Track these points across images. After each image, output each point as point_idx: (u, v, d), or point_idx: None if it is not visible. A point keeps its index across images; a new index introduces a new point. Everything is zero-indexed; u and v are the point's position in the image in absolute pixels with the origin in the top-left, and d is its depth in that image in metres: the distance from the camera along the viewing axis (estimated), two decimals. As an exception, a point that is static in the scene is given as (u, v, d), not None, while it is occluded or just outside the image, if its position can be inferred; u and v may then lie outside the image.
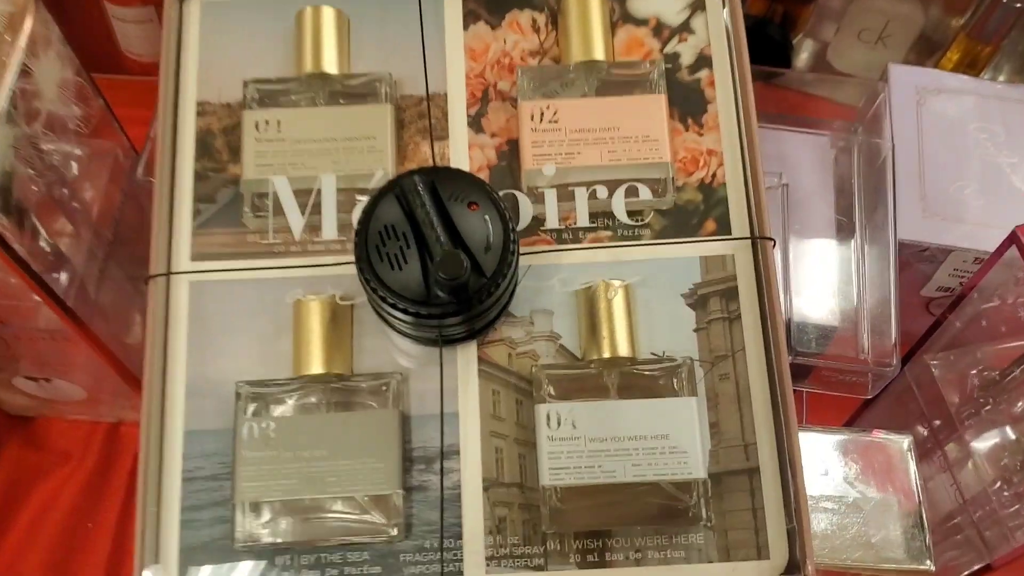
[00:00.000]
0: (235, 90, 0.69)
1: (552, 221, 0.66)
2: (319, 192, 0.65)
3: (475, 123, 0.69)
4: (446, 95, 0.69)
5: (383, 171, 0.66)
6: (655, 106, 0.67)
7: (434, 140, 0.68)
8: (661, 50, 0.70)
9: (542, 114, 0.67)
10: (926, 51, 1.06)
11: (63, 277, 0.76)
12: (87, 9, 0.96)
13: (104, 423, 0.91)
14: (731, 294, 0.65)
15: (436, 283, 0.56)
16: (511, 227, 0.58)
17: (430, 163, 0.67)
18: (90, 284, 0.79)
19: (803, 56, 1.12)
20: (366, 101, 0.68)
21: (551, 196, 0.65)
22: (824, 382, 0.72)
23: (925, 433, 0.73)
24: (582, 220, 0.66)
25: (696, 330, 0.64)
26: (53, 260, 0.74)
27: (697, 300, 0.65)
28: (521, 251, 0.63)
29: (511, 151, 0.68)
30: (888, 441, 0.69)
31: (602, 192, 0.65)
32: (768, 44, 1.04)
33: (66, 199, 0.77)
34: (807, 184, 0.78)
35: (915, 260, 0.83)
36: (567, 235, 0.66)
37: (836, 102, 1.02)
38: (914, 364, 0.72)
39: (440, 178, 0.59)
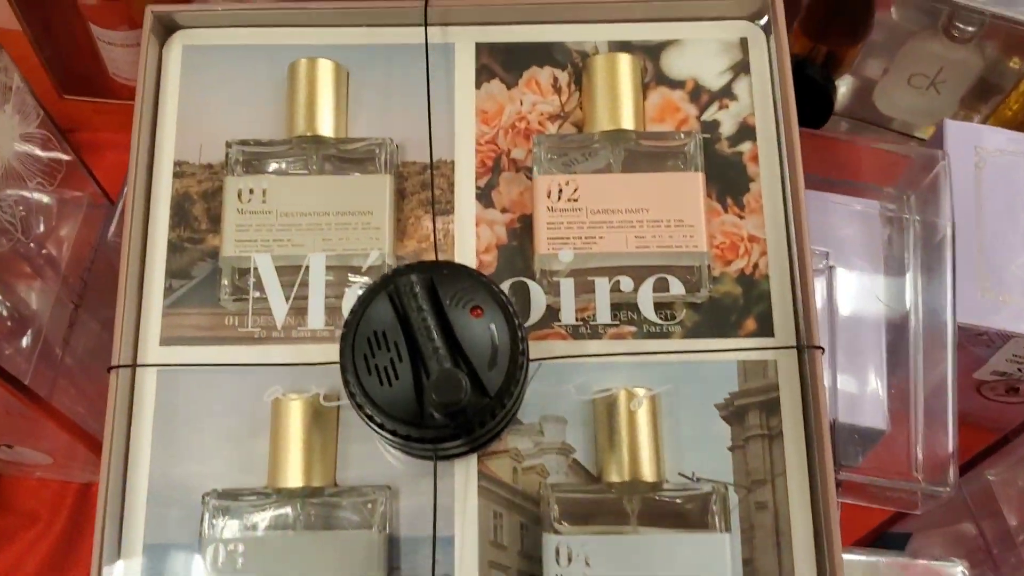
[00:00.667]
0: (217, 149, 0.60)
1: (568, 315, 0.57)
2: (307, 271, 0.57)
3: (484, 196, 0.60)
4: (453, 163, 0.61)
5: (379, 252, 0.57)
6: (691, 185, 0.58)
7: (437, 215, 0.60)
8: (699, 117, 0.62)
9: (560, 190, 0.58)
10: (982, 96, 0.97)
11: (25, 341, 0.68)
12: (73, 32, 0.88)
13: (75, 484, 0.84)
14: (772, 407, 0.57)
15: (431, 404, 0.47)
16: (521, 336, 0.50)
17: (432, 240, 0.59)
18: (57, 343, 0.71)
19: (842, 91, 1.03)
20: (364, 169, 0.60)
21: (568, 286, 0.57)
22: (865, 494, 0.64)
23: (978, 554, 0.64)
24: (603, 315, 0.57)
25: (731, 448, 0.56)
26: (13, 326, 0.66)
27: (733, 412, 0.57)
28: (532, 348, 0.54)
29: (524, 229, 0.59)
30: (940, 568, 0.61)
31: (627, 284, 0.57)
32: (809, 86, 0.95)
33: (32, 253, 0.69)
34: (854, 263, 0.69)
35: (970, 343, 0.74)
36: (585, 331, 0.58)
37: (881, 149, 0.93)
38: (971, 478, 0.64)
39: (440, 276, 0.51)
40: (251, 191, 0.58)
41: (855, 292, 0.68)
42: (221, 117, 0.62)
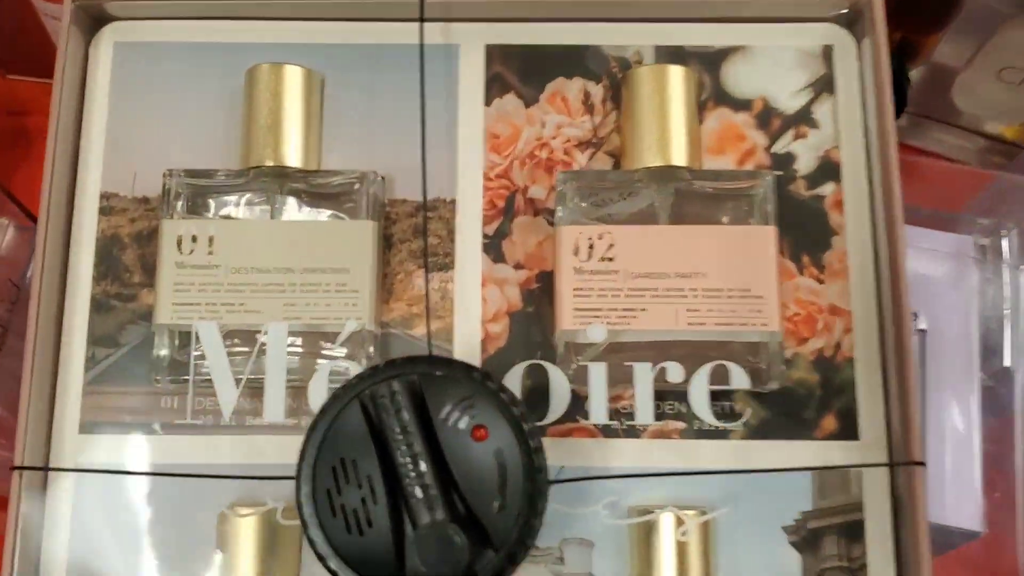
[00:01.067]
0: (156, 178, 0.47)
1: (598, 409, 0.44)
2: (262, 347, 0.44)
3: (493, 247, 0.47)
4: (454, 203, 0.47)
5: (357, 321, 0.44)
6: (761, 242, 0.45)
7: (433, 270, 0.46)
8: (768, 149, 0.48)
9: (591, 245, 0.45)
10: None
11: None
12: (14, 5, 0.74)
13: None
14: (854, 531, 0.44)
15: (414, 570, 0.35)
16: (539, 467, 0.37)
17: (424, 301, 0.46)
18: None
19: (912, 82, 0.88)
20: (340, 210, 0.46)
21: (598, 372, 0.44)
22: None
23: None
24: (644, 412, 0.44)
25: (801, 586, 0.43)
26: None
27: (805, 538, 0.44)
28: (551, 448, 0.41)
29: (543, 291, 0.46)
30: None
31: (675, 372, 0.44)
32: (879, 79, 0.80)
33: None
34: (947, 322, 0.55)
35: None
36: (618, 427, 0.45)
37: (952, 158, 0.80)
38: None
39: (431, 380, 0.37)
40: (194, 238, 0.45)
41: (948, 360, 0.54)
42: (162, 136, 0.48)
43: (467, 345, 0.46)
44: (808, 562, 0.44)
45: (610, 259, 0.45)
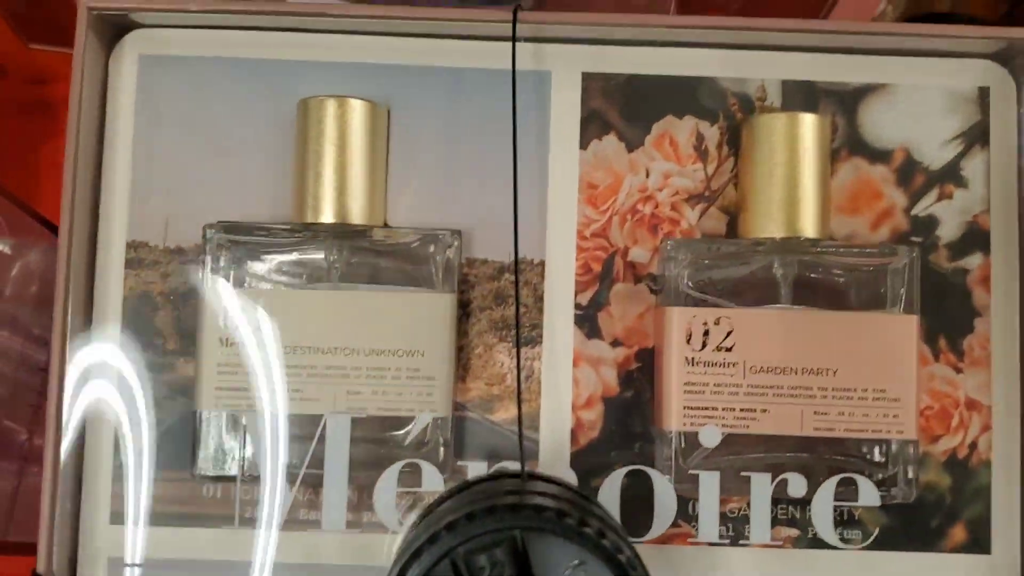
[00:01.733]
0: (191, 224, 0.40)
1: (709, 524, 0.38)
2: (321, 439, 0.38)
3: (588, 319, 0.40)
4: (543, 265, 0.40)
5: (431, 414, 0.38)
6: (901, 334, 0.39)
7: (516, 344, 0.40)
8: (908, 211, 0.41)
9: (706, 332, 0.38)
10: None
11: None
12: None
13: None
14: (979, 652, 0.39)
15: None
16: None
17: (509, 382, 0.39)
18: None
19: None
20: (409, 272, 0.39)
21: (710, 484, 0.38)
22: None
23: None
24: (759, 527, 0.38)
25: None
26: None
27: (923, 657, 0.39)
28: (649, 558, 0.36)
29: (644, 374, 0.40)
30: None
31: (798, 484, 0.38)
32: None
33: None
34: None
35: None
36: (724, 534, 0.39)
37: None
38: None
39: (536, 538, 0.31)
40: (243, 311, 0.38)
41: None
42: (199, 173, 0.40)
43: (555, 434, 0.40)
44: None
45: (728, 349, 0.38)
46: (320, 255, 0.39)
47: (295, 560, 0.39)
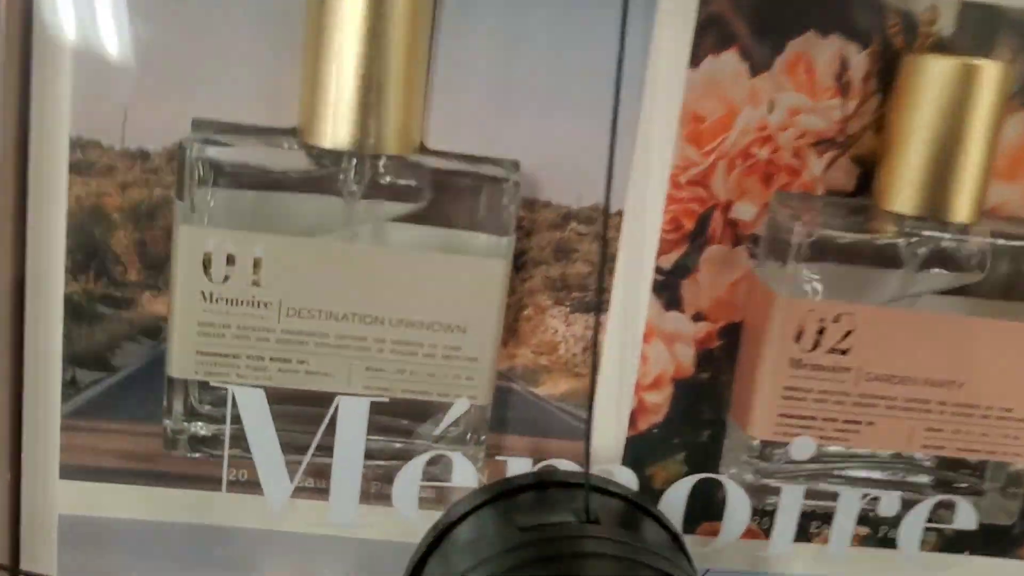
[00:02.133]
0: (158, 123, 0.29)
1: (783, 539, 0.33)
2: (331, 422, 0.30)
3: (669, 286, 0.32)
4: (620, 216, 0.31)
5: (469, 401, 0.30)
6: (1044, 347, 0.31)
7: (576, 311, 0.32)
8: (1080, 181, 0.32)
9: (821, 330, 0.30)
10: None
11: None
12: None
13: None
14: (1030, 661, 0.36)
15: None
16: None
17: (559, 352, 0.32)
18: None
19: None
20: (452, 216, 0.30)
21: (793, 499, 0.32)
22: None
23: None
24: (840, 540, 0.33)
25: None
26: None
27: (971, 663, 0.36)
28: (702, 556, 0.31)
29: (726, 353, 0.32)
30: None
31: (890, 504, 0.32)
32: None
33: None
34: None
35: None
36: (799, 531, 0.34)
37: None
38: None
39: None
40: (231, 259, 0.29)
41: None
42: (169, 52, 0.29)
43: (609, 416, 0.33)
44: None
45: (843, 352, 0.31)
46: (335, 198, 0.29)
47: (293, 528, 0.33)
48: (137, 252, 0.31)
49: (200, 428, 0.31)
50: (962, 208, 0.30)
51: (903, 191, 0.30)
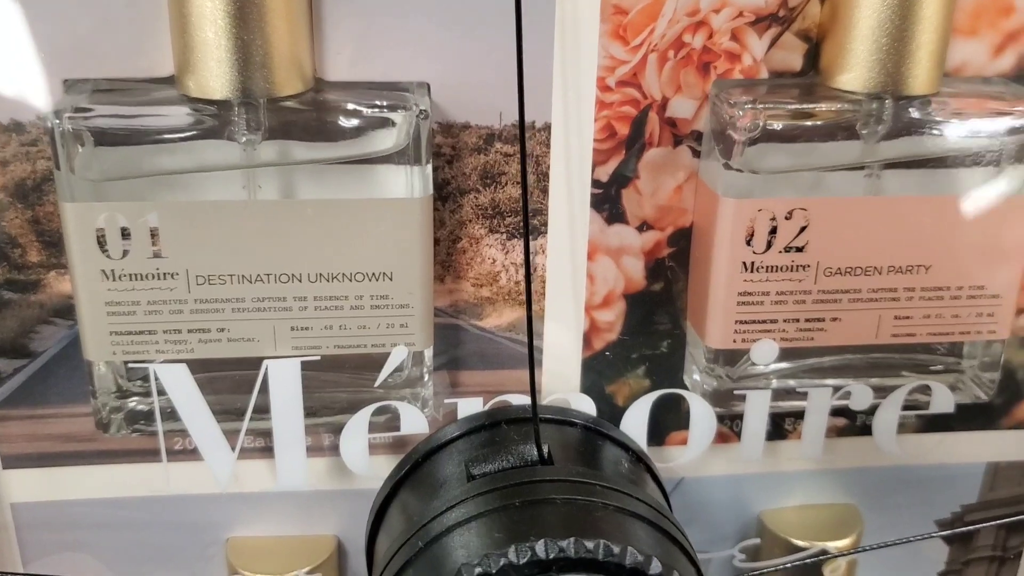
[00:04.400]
0: (30, 94, 0.26)
1: (752, 448, 0.31)
2: (263, 384, 0.28)
3: (608, 199, 0.29)
4: (548, 129, 0.27)
5: (405, 347, 0.28)
6: (1016, 216, 0.28)
7: (513, 236, 0.29)
8: (1050, 29, 0.28)
9: (773, 229, 0.27)
10: None
11: None
12: None
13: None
14: (1018, 524, 0.34)
15: None
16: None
17: (500, 282, 0.29)
18: None
19: None
20: (359, 151, 0.26)
21: (759, 404, 0.30)
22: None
23: None
24: (812, 440, 0.31)
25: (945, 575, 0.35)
26: None
27: (960, 533, 0.35)
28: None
29: (678, 260, 0.29)
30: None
31: (862, 396, 0.30)
32: None
33: None
34: None
35: None
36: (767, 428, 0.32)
37: None
38: None
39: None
40: (125, 232, 0.25)
41: None
42: (38, 10, 0.25)
43: (561, 340, 0.30)
44: (956, 553, 0.35)
45: (799, 249, 0.28)
46: (230, 143, 0.25)
47: (238, 489, 0.31)
48: (33, 231, 0.27)
49: (137, 404, 0.28)
50: (921, 79, 0.26)
51: (855, 66, 0.26)
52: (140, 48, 0.25)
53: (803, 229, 0.27)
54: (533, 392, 0.26)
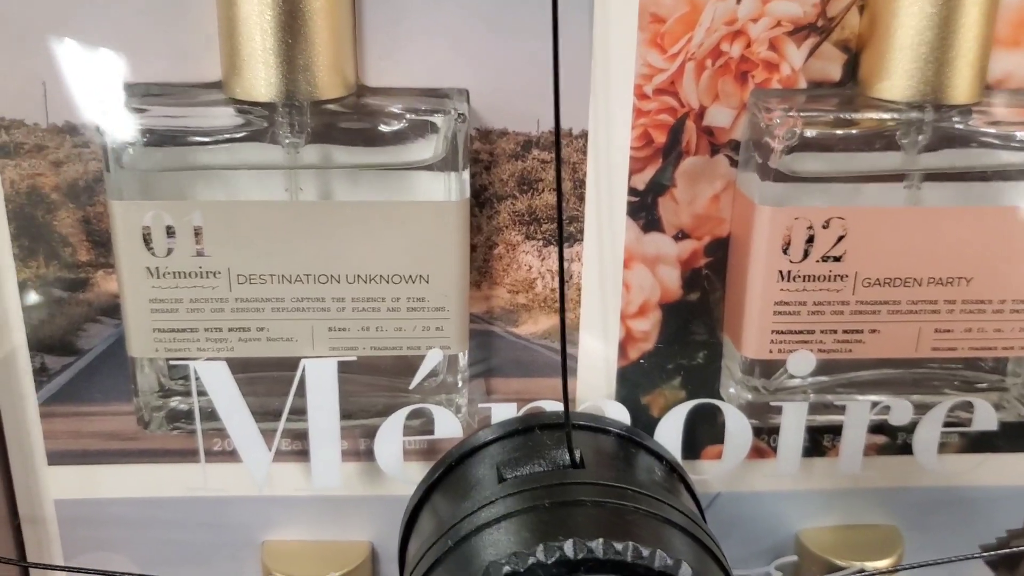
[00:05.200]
0: (89, 95, 0.26)
1: (789, 461, 0.30)
2: (300, 384, 0.28)
3: (645, 207, 0.28)
4: (584, 137, 0.27)
5: (441, 351, 0.27)
6: (1062, 230, 0.28)
7: (550, 243, 0.28)
8: (1096, 41, 0.28)
9: (810, 238, 0.27)
10: None
11: None
12: None
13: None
14: (1068, 552, 0.33)
15: None
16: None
17: (536, 288, 0.29)
18: None
19: None
20: (399, 160, 0.27)
21: (795, 417, 0.29)
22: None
23: None
24: (850, 456, 0.30)
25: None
26: None
27: (1006, 558, 0.33)
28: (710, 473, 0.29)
29: (715, 270, 0.29)
30: None
31: (901, 411, 0.29)
32: None
33: None
34: None
35: None
36: (806, 444, 0.31)
37: None
38: None
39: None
40: (170, 231, 0.26)
41: None
42: (84, 16, 0.26)
43: (598, 351, 0.30)
44: (1003, 583, 0.34)
45: (836, 259, 0.27)
46: (274, 146, 0.26)
47: (280, 493, 0.31)
48: (83, 231, 0.28)
49: (179, 403, 0.29)
50: (962, 87, 0.26)
51: (894, 75, 0.26)
52: (192, 53, 0.26)
53: (841, 238, 0.27)
54: (566, 397, 0.26)
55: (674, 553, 0.23)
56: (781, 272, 0.27)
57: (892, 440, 0.32)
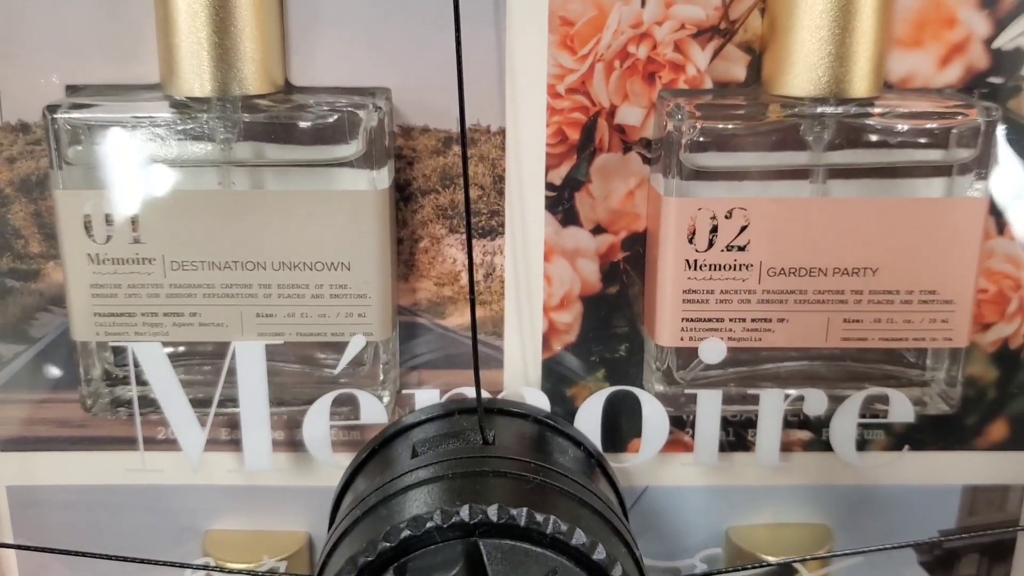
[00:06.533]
0: (35, 96, 0.28)
1: (706, 449, 0.30)
2: (231, 369, 0.29)
3: (562, 201, 0.29)
4: (503, 135, 0.29)
5: (363, 337, 0.28)
6: (965, 223, 0.28)
7: (471, 238, 0.29)
8: (990, 41, 0.29)
9: (714, 228, 0.28)
10: None
11: None
12: None
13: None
14: (1002, 551, 0.33)
15: None
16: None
17: (461, 281, 0.29)
18: None
19: None
20: (323, 152, 0.28)
21: (710, 404, 0.29)
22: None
23: None
24: (767, 448, 0.30)
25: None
26: None
27: (939, 558, 0.33)
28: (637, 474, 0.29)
29: (633, 264, 0.30)
30: None
31: (816, 402, 0.30)
32: None
33: None
34: None
35: None
36: (724, 442, 0.31)
37: None
38: None
39: (499, 552, 0.23)
40: (108, 219, 0.27)
41: None
42: (34, 20, 0.28)
43: (519, 341, 0.30)
44: (938, 584, 0.34)
45: (741, 248, 0.28)
46: (204, 141, 0.27)
47: (216, 482, 0.31)
48: (35, 223, 0.29)
49: (123, 392, 0.30)
50: (860, 82, 0.27)
51: (795, 72, 0.27)
52: (134, 56, 0.28)
53: (744, 228, 0.28)
54: (477, 378, 0.26)
55: (570, 521, 0.23)
56: (688, 261, 0.28)
57: (817, 437, 0.32)
